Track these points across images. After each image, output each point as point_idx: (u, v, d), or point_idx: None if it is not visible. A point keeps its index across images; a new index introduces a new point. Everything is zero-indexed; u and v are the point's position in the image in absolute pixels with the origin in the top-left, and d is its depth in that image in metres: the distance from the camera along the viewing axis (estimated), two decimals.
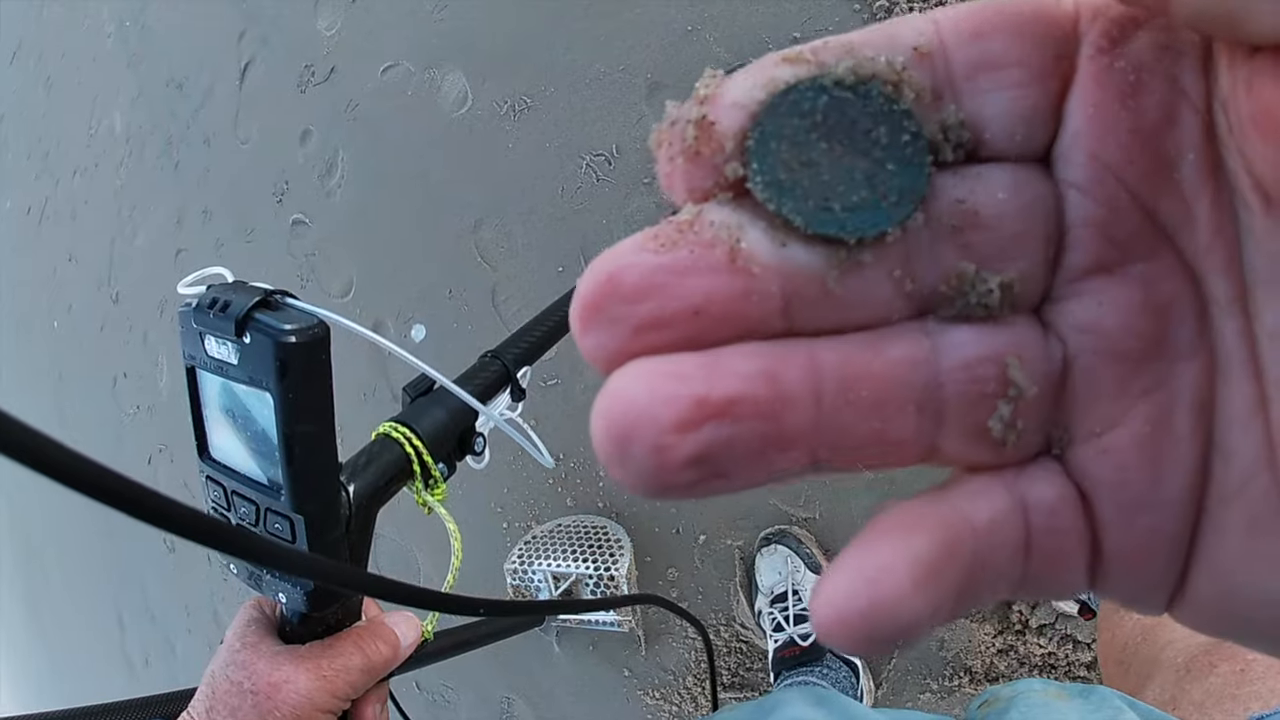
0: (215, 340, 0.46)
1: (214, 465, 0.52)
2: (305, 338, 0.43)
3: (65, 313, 3.72)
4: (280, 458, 0.46)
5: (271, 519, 0.48)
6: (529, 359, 0.77)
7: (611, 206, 1.73)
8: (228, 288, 0.47)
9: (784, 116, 0.16)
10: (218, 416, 0.50)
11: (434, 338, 1.96)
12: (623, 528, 1.72)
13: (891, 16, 1.05)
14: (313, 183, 2.22)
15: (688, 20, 1.67)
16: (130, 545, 3.21)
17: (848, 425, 0.16)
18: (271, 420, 0.45)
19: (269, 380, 0.44)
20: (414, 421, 0.60)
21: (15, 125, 4.97)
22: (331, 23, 2.21)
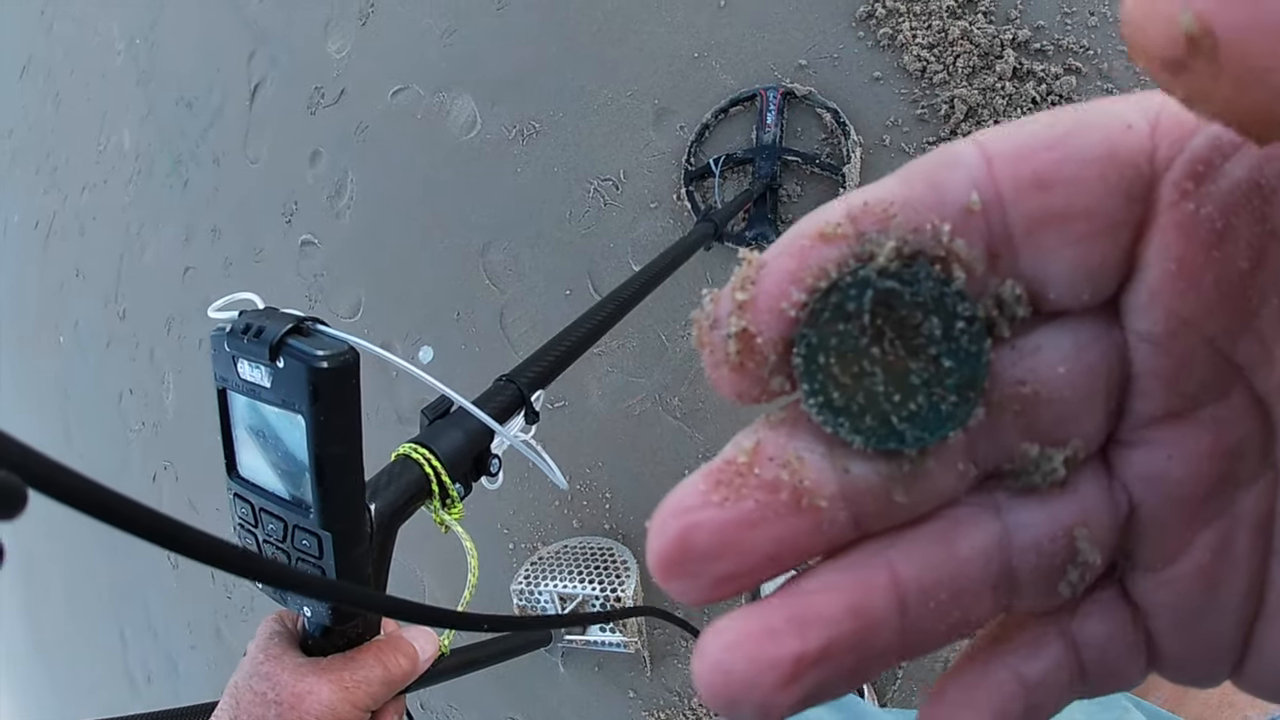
0: (248, 364, 0.47)
1: (242, 483, 0.53)
2: (337, 363, 0.45)
3: (72, 328, 3.74)
4: (310, 477, 0.47)
5: (299, 535, 0.50)
6: (542, 383, 0.79)
7: (619, 230, 1.74)
8: (260, 314, 0.48)
9: (829, 323, 0.15)
10: (247, 436, 0.52)
11: (441, 359, 1.96)
12: (629, 549, 1.72)
13: (895, 42, 1.06)
14: (322, 203, 2.23)
15: (694, 47, 1.69)
16: (132, 562, 3.20)
17: (931, 626, 0.16)
18: (302, 441, 0.47)
19: (301, 403, 0.45)
20: (433, 443, 0.61)
21: (24, 140, 5.00)
22: (341, 45, 2.23)
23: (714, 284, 1.30)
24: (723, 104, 1.64)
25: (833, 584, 0.16)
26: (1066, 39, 1.50)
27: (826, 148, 1.59)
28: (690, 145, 1.67)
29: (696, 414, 1.66)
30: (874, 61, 1.58)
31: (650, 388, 1.68)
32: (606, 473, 1.73)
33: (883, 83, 1.57)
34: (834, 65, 1.61)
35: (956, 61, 1.55)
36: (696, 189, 1.66)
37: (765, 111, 1.59)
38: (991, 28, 1.54)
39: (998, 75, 1.52)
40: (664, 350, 1.66)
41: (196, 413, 2.75)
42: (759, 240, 1.57)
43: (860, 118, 1.57)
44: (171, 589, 3.00)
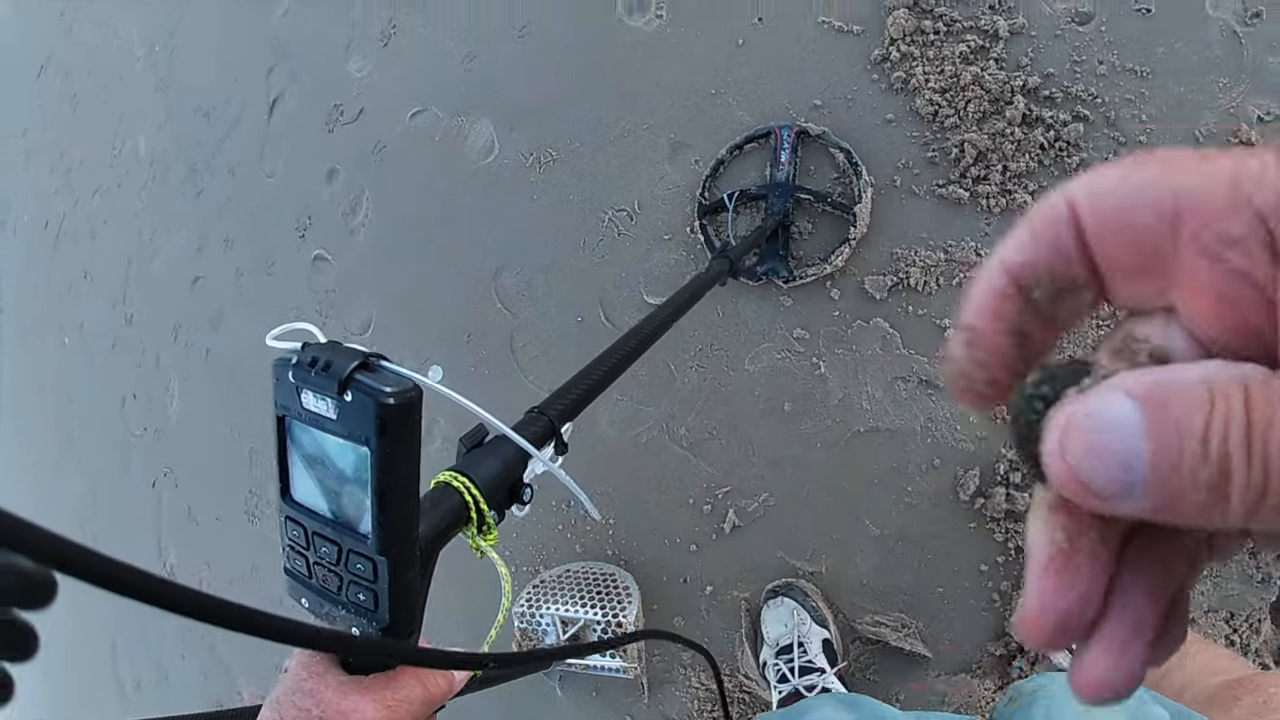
0: (314, 395, 0.49)
1: (295, 506, 0.55)
2: (403, 399, 0.47)
3: (77, 329, 3.75)
4: (372, 505, 0.49)
5: (354, 559, 0.52)
6: (571, 415, 0.81)
7: (632, 261, 1.76)
8: (325, 348, 0.50)
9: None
10: (303, 463, 0.54)
11: (450, 380, 1.93)
12: (631, 575, 1.73)
13: (908, 86, 1.09)
14: (336, 220, 2.26)
15: (711, 84, 1.72)
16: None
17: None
18: (364, 471, 0.49)
19: (368, 436, 0.47)
20: (471, 471, 0.63)
21: (39, 139, 5.03)
22: (362, 65, 2.27)
23: (724, 316, 1.33)
24: (738, 140, 1.67)
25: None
26: (1075, 87, 1.53)
27: (838, 186, 1.62)
28: (705, 179, 1.70)
29: (703, 444, 1.67)
30: (887, 104, 1.62)
31: (658, 417, 1.70)
32: (610, 499, 1.74)
33: (895, 125, 1.61)
34: (848, 106, 1.64)
35: (968, 106, 1.58)
36: (710, 223, 1.69)
37: (780, 149, 1.62)
38: (1002, 74, 1.58)
39: (1007, 121, 1.55)
40: (672, 380, 1.68)
41: (200, 421, 2.76)
42: (770, 275, 1.60)
43: (872, 158, 1.60)
44: None
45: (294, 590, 0.57)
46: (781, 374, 1.61)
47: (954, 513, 1.49)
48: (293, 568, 0.56)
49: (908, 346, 1.54)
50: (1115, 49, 1.54)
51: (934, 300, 1.53)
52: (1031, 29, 1.58)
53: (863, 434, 1.56)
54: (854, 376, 1.57)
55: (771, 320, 1.62)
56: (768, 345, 1.63)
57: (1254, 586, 1.37)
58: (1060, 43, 1.57)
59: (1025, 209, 1.47)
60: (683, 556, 1.69)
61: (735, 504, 1.65)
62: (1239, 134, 1.45)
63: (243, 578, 2.52)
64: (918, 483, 1.52)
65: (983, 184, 1.55)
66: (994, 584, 1.47)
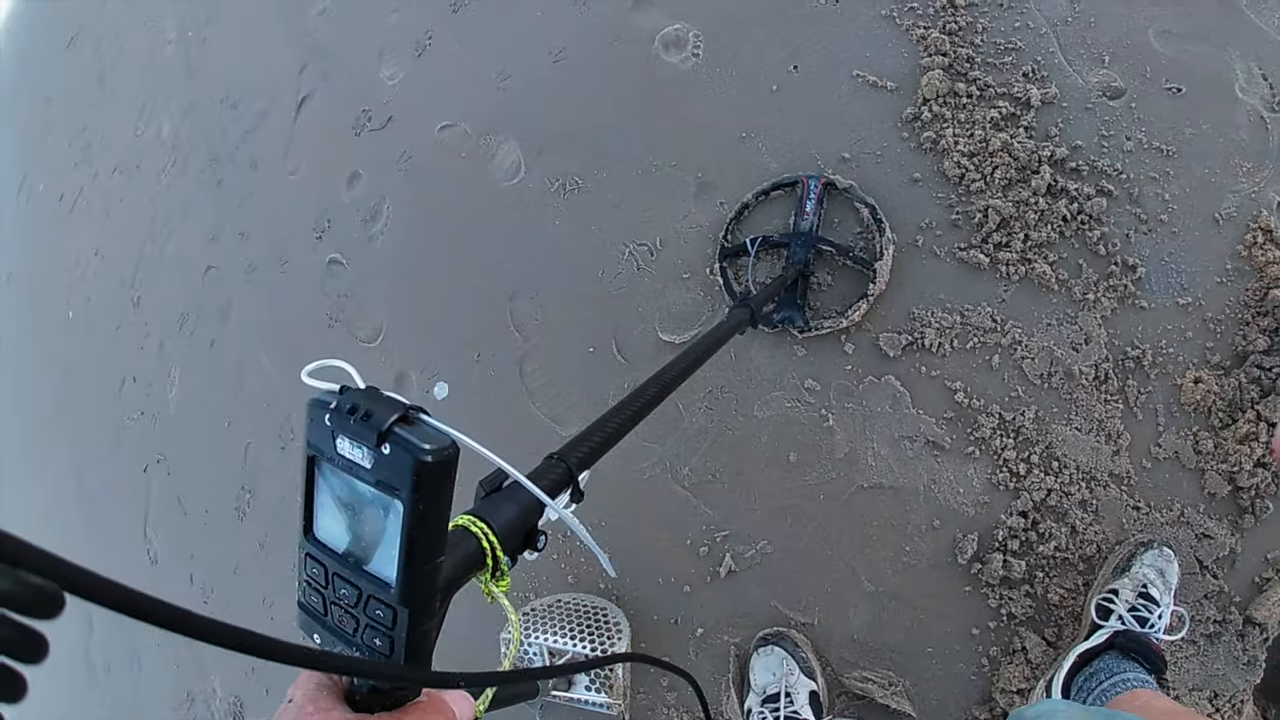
0: (350, 443, 0.49)
1: (317, 545, 0.54)
2: (440, 457, 0.47)
3: (83, 304, 3.74)
4: (399, 557, 0.49)
5: (373, 605, 0.51)
6: (589, 463, 0.80)
7: (649, 296, 1.76)
8: (365, 395, 0.50)
9: None
10: (331, 504, 0.54)
11: (456, 398, 1.97)
12: (622, 611, 1.72)
13: (937, 147, 1.11)
14: (355, 225, 2.26)
15: (742, 127, 1.73)
16: (111, 548, 3.17)
17: None
18: (394, 523, 0.49)
19: (402, 490, 0.47)
20: (490, 517, 0.62)
21: (62, 110, 5.04)
22: (395, 73, 2.27)
23: (736, 360, 1.32)
24: (765, 186, 1.68)
25: None
26: (1102, 161, 1.54)
27: (860, 241, 1.62)
28: (729, 222, 1.70)
29: (705, 486, 1.66)
30: (915, 163, 1.62)
31: (662, 455, 1.69)
32: (608, 533, 1.73)
33: (921, 185, 1.61)
34: (876, 162, 1.65)
35: (994, 172, 1.59)
36: (730, 265, 1.69)
37: (806, 199, 1.62)
38: (1031, 143, 1.58)
39: (1032, 190, 1.56)
40: (680, 420, 1.68)
41: (198, 412, 2.75)
42: (786, 324, 1.60)
43: (896, 216, 1.61)
44: (147, 584, 2.95)
45: (306, 625, 0.57)
46: (790, 423, 1.61)
47: (950, 575, 1.49)
48: (307, 603, 0.56)
49: (917, 406, 1.54)
50: (1144, 126, 1.55)
51: (947, 362, 1.53)
52: (1063, 100, 1.60)
53: (866, 490, 1.55)
54: (861, 432, 1.56)
55: (784, 369, 1.62)
56: (778, 393, 1.62)
57: (1239, 668, 1.37)
58: (1090, 116, 1.58)
59: (1043, 278, 1.47)
60: (676, 597, 1.68)
61: (733, 549, 1.64)
62: (1259, 220, 1.46)
63: (225, 577, 2.50)
64: (916, 542, 1.52)
65: (1004, 250, 1.55)
66: (984, 648, 1.46)
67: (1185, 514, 1.38)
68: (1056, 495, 1.43)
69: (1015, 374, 1.49)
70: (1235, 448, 1.38)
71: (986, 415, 1.49)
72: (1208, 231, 1.46)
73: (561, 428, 1.80)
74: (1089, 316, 1.48)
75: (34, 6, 6.27)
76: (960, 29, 1.69)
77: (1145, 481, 1.40)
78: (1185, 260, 1.46)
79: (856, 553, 1.55)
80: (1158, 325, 1.43)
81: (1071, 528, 1.42)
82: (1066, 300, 1.50)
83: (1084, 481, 1.43)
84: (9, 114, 5.98)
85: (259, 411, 2.46)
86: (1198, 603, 1.36)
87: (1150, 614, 1.28)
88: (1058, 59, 1.63)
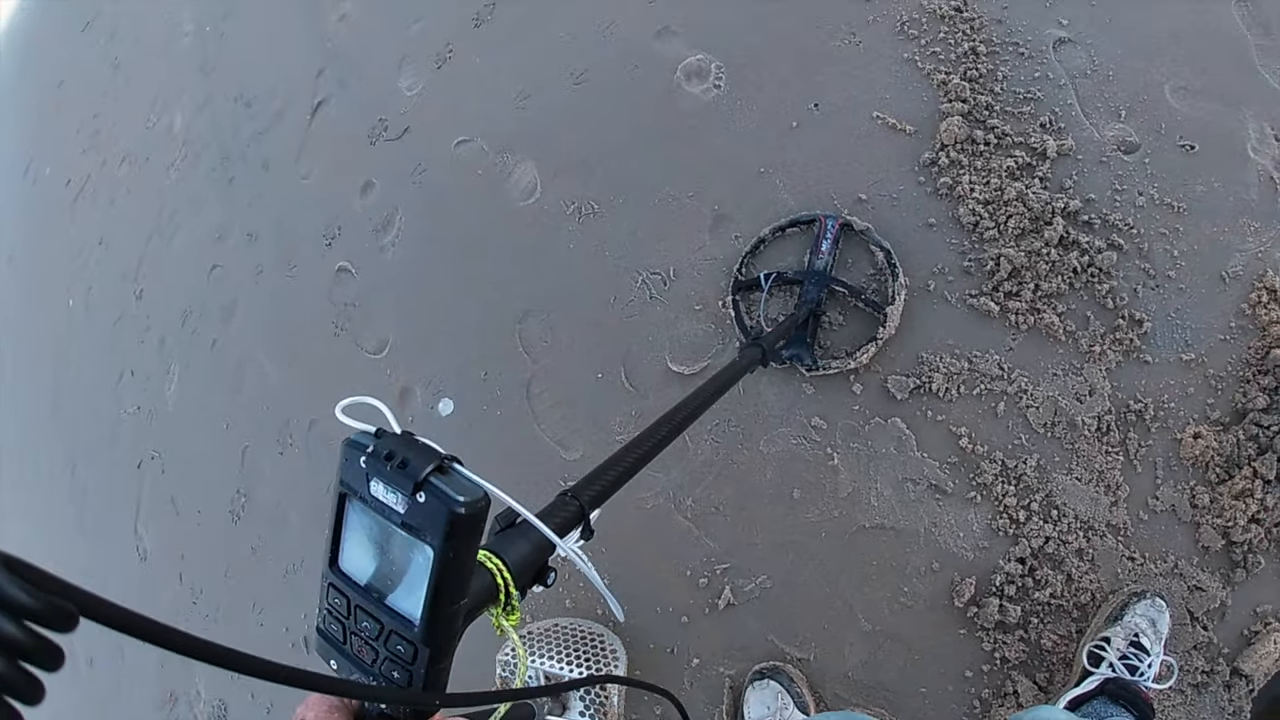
0: (384, 487, 0.51)
1: (341, 576, 0.56)
2: (473, 510, 0.49)
3: (84, 293, 3.72)
4: (426, 599, 0.51)
5: (395, 640, 0.53)
6: (601, 501, 0.81)
7: (660, 326, 1.76)
8: (401, 443, 0.51)
9: None
10: (358, 539, 0.55)
11: (461, 416, 1.97)
12: (619, 638, 1.71)
13: (953, 193, 1.12)
14: (366, 234, 2.25)
15: (761, 162, 1.74)
16: (101, 542, 3.15)
17: None
18: (420, 563, 0.50)
19: (434, 538, 0.49)
20: (504, 553, 0.63)
21: (73, 93, 5.02)
22: (414, 84, 2.28)
23: (744, 395, 1.32)
24: (782, 222, 1.69)
25: None
26: (1114, 215, 1.55)
27: (874, 284, 1.63)
28: (744, 256, 1.71)
29: (708, 518, 1.67)
30: (930, 208, 1.64)
31: (666, 485, 1.69)
32: (608, 560, 1.73)
33: (936, 230, 1.62)
34: (892, 205, 1.66)
35: (1008, 221, 1.60)
36: (743, 299, 1.70)
37: (822, 238, 1.63)
38: (1045, 194, 1.60)
39: (1045, 241, 1.56)
40: (685, 451, 1.68)
41: (196, 411, 2.73)
42: (794, 361, 1.60)
43: (909, 259, 1.62)
44: (136, 578, 2.94)
45: (324, 651, 0.58)
46: (794, 460, 1.61)
47: (946, 617, 1.49)
48: (327, 630, 0.57)
49: (922, 449, 1.54)
50: (1156, 182, 1.56)
51: (953, 407, 1.54)
52: (1079, 152, 1.61)
53: (867, 529, 1.56)
54: (866, 472, 1.57)
55: (791, 406, 1.63)
56: (784, 430, 1.63)
57: (1225, 718, 1.38)
58: (1104, 169, 1.59)
59: (1051, 329, 1.48)
60: (673, 626, 1.68)
61: (732, 582, 1.64)
62: (1264, 279, 1.48)
63: (215, 580, 2.48)
64: (914, 584, 1.52)
65: (1014, 299, 1.56)
66: (976, 691, 1.47)
67: (1179, 566, 1.39)
68: (1054, 543, 1.44)
69: (1019, 422, 1.50)
70: (1231, 503, 1.39)
71: (989, 461, 1.50)
72: (1214, 289, 1.48)
73: (565, 451, 1.80)
74: (1094, 368, 1.49)
75: None
76: (981, 76, 1.71)
77: (1141, 533, 1.41)
78: (1191, 316, 1.47)
79: (855, 591, 1.55)
80: (1161, 380, 1.44)
81: (1068, 575, 1.43)
82: (1073, 351, 1.51)
83: (1082, 530, 1.44)
84: (20, 94, 5.96)
85: (258, 415, 2.45)
86: (1187, 653, 1.37)
87: (1140, 662, 1.29)
88: (1075, 111, 1.65)
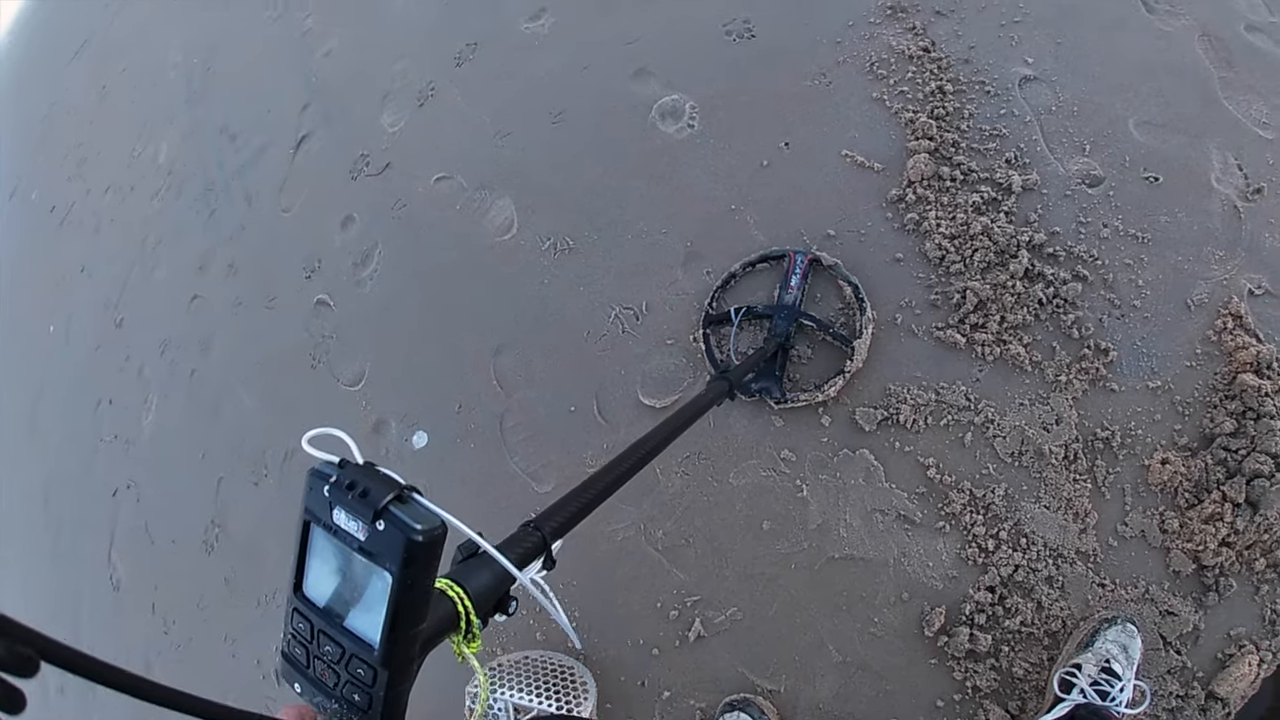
0: (346, 515, 0.53)
1: (305, 602, 0.58)
2: (429, 537, 0.51)
3: (64, 321, 3.70)
4: (385, 623, 0.53)
5: (355, 664, 0.55)
6: (564, 531, 0.82)
7: (632, 360, 1.78)
8: (363, 472, 0.54)
9: None
10: (323, 566, 0.57)
11: (435, 448, 1.97)
12: (589, 671, 1.70)
13: (920, 229, 1.15)
14: (345, 268, 2.26)
15: (732, 199, 1.77)
16: (74, 570, 3.10)
17: None
18: (380, 589, 0.52)
19: (392, 564, 0.51)
20: (466, 582, 0.65)
21: (61, 121, 5.04)
22: (396, 120, 2.31)
23: (714, 427, 1.33)
24: (752, 257, 1.72)
25: None
26: (1079, 247, 1.59)
27: (842, 318, 1.66)
28: (715, 290, 1.73)
29: (678, 550, 1.67)
30: (898, 243, 1.67)
31: (637, 518, 1.70)
32: (579, 592, 1.73)
33: (903, 264, 1.66)
34: (860, 240, 1.70)
35: (974, 255, 1.63)
36: (713, 333, 1.72)
37: (791, 273, 1.66)
38: (1011, 227, 1.64)
39: (1010, 274, 1.60)
40: (656, 483, 1.69)
41: (172, 441, 2.71)
42: (763, 395, 1.62)
43: (877, 293, 1.65)
44: (107, 609, 2.90)
45: (288, 674, 0.59)
46: (764, 492, 1.62)
47: (916, 647, 1.49)
48: (291, 654, 0.59)
49: (890, 480, 1.56)
50: (1120, 213, 1.60)
51: (921, 438, 1.56)
52: (1044, 186, 1.65)
53: (836, 560, 1.57)
54: (835, 503, 1.58)
55: (760, 438, 1.64)
56: (754, 462, 1.64)
57: None
58: (1069, 203, 1.64)
59: (1017, 360, 1.50)
60: (644, 659, 1.67)
61: (703, 614, 1.64)
62: (1229, 306, 1.51)
63: (188, 610, 2.45)
64: (884, 614, 1.53)
65: (980, 331, 1.59)
66: None
67: (1150, 591, 1.40)
68: (1024, 571, 1.45)
69: (987, 452, 1.52)
70: (1200, 527, 1.40)
71: (958, 491, 1.51)
72: (1179, 317, 1.51)
73: (538, 484, 1.81)
74: (1060, 398, 1.51)
75: (43, 11, 6.31)
76: (948, 114, 1.76)
77: (1111, 559, 1.42)
78: (1156, 344, 1.51)
79: (825, 622, 1.56)
80: (1128, 407, 1.47)
81: (1038, 603, 1.44)
82: (1039, 381, 1.53)
83: (1051, 558, 1.45)
84: (8, 118, 5.98)
85: (234, 446, 2.44)
86: (1161, 678, 1.37)
87: (1112, 688, 1.29)
88: (1040, 146, 1.70)
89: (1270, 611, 1.35)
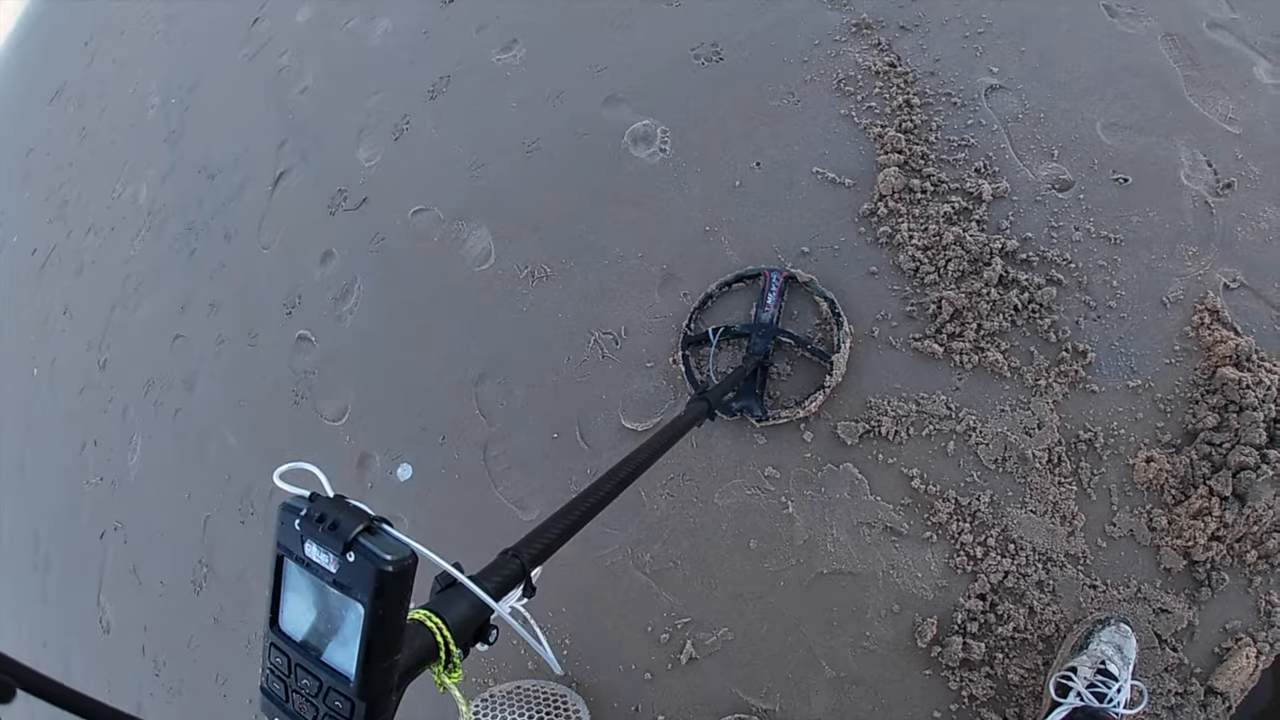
0: (318, 548, 0.54)
1: (281, 636, 0.58)
2: (399, 568, 0.52)
3: (48, 363, 3.69)
4: (359, 654, 0.53)
5: (333, 696, 0.55)
6: (543, 558, 0.82)
7: (613, 384, 1.79)
8: (333, 505, 0.54)
9: None
10: (295, 600, 0.57)
11: (420, 480, 1.97)
12: (582, 699, 1.69)
13: (893, 241, 1.16)
14: (326, 303, 2.27)
15: (706, 221, 1.79)
16: (64, 614, 3.07)
17: None
18: (353, 621, 0.53)
19: (363, 595, 0.52)
20: (444, 612, 0.65)
21: (41, 163, 5.04)
22: (372, 155, 2.32)
23: (697, 448, 1.33)
24: (728, 278, 1.73)
25: None
26: (1052, 252, 1.61)
27: (819, 333, 1.67)
28: (693, 312, 1.74)
29: (667, 573, 1.67)
30: (872, 256, 1.69)
31: (624, 541, 1.70)
32: (569, 619, 1.72)
33: (878, 277, 1.67)
34: (834, 255, 1.71)
35: (948, 265, 1.65)
36: (693, 354, 1.73)
37: (767, 291, 1.67)
38: (983, 235, 1.65)
39: (984, 281, 1.61)
40: (642, 507, 1.69)
41: (158, 481, 2.70)
42: (744, 413, 1.63)
43: (853, 308, 1.66)
44: (99, 650, 2.86)
45: (268, 709, 0.59)
46: (750, 511, 1.62)
47: (910, 659, 1.49)
48: (270, 689, 0.59)
49: (875, 493, 1.56)
50: (1092, 216, 1.62)
51: (903, 450, 1.57)
52: (1014, 193, 1.67)
53: (825, 576, 1.56)
54: (821, 519, 1.58)
55: (744, 457, 1.65)
56: (738, 481, 1.64)
57: None
58: (1040, 208, 1.65)
59: (996, 366, 1.51)
60: (636, 684, 1.66)
61: (694, 636, 1.63)
62: (1205, 301, 1.52)
63: (179, 651, 2.42)
64: (876, 627, 1.52)
65: (957, 340, 1.60)
66: None
67: (1142, 590, 1.40)
68: (1014, 577, 1.45)
69: (970, 460, 1.53)
70: (1189, 523, 1.40)
71: (943, 500, 1.51)
72: (1156, 315, 1.52)
73: (524, 513, 1.80)
74: (1041, 402, 1.52)
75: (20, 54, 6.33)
76: (915, 127, 1.78)
77: (1101, 560, 1.42)
78: (1134, 344, 1.51)
79: (817, 638, 1.55)
80: (1109, 408, 1.48)
81: (1030, 608, 1.43)
82: (1019, 386, 1.54)
83: (1040, 562, 1.45)
84: None
85: (220, 485, 2.43)
86: (1158, 676, 1.36)
87: (1108, 689, 1.29)
88: (1008, 154, 1.72)
89: (1265, 603, 1.35)
